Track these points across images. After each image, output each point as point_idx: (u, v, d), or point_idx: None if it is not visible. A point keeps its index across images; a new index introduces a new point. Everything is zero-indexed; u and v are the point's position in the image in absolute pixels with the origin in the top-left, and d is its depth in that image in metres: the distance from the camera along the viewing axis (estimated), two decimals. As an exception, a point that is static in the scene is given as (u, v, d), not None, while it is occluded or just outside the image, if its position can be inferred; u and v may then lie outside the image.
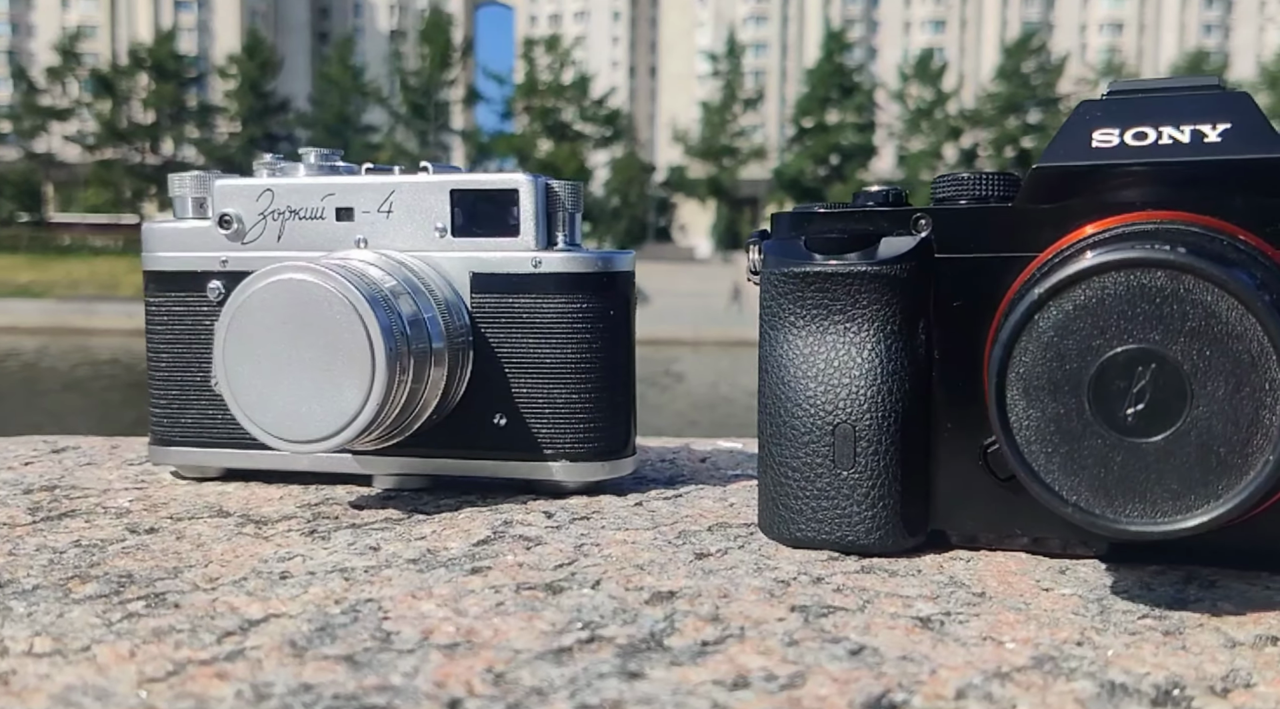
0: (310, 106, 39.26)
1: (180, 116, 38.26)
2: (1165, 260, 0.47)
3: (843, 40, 38.43)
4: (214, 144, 37.82)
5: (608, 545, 0.61)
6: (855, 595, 0.52)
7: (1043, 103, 37.21)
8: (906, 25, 54.67)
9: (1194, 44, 49.17)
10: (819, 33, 43.89)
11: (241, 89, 37.02)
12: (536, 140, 35.72)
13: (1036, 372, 0.49)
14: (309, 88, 43.45)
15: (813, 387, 0.61)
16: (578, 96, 36.44)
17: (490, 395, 0.75)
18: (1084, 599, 0.52)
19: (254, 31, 41.43)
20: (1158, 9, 55.60)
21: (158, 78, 37.55)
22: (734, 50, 38.11)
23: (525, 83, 36.67)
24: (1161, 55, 51.80)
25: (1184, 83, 0.59)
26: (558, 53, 36.84)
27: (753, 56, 50.61)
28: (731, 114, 36.94)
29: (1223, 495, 0.46)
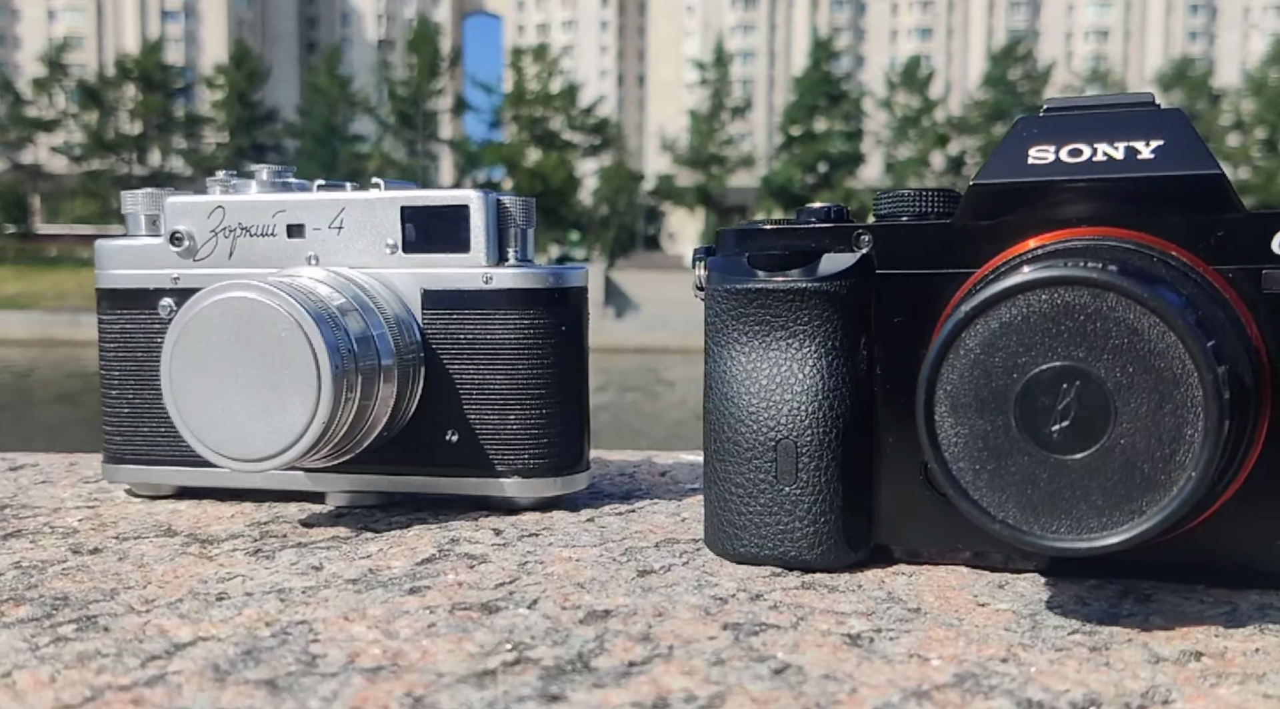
0: (298, 116, 39.21)
1: (167, 127, 38.19)
2: (1088, 278, 0.47)
3: (830, 48, 38.57)
4: (201, 155, 37.75)
5: (552, 563, 0.61)
6: (790, 612, 0.52)
7: (1029, 110, 37.35)
8: (893, 33, 54.90)
9: (1179, 51, 49.46)
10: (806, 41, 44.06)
11: (229, 99, 36.97)
12: (525, 149, 35.72)
13: (964, 389, 0.49)
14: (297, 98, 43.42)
15: (755, 403, 0.62)
16: (566, 105, 36.47)
17: (442, 412, 0.75)
18: (1017, 614, 0.52)
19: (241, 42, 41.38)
20: (1143, 16, 55.95)
21: (145, 88, 37.49)
22: (722, 59, 38.21)
23: (513, 92, 36.68)
24: (1147, 62, 52.11)
25: (1119, 100, 0.59)
26: (546, 62, 36.89)
27: (740, 65, 50.73)
28: (719, 122, 37.02)
29: (1147, 511, 0.47)
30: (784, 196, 33.17)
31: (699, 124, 36.98)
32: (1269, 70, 36.85)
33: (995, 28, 53.41)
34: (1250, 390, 0.53)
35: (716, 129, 36.89)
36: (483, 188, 0.76)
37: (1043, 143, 0.59)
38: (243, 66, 36.90)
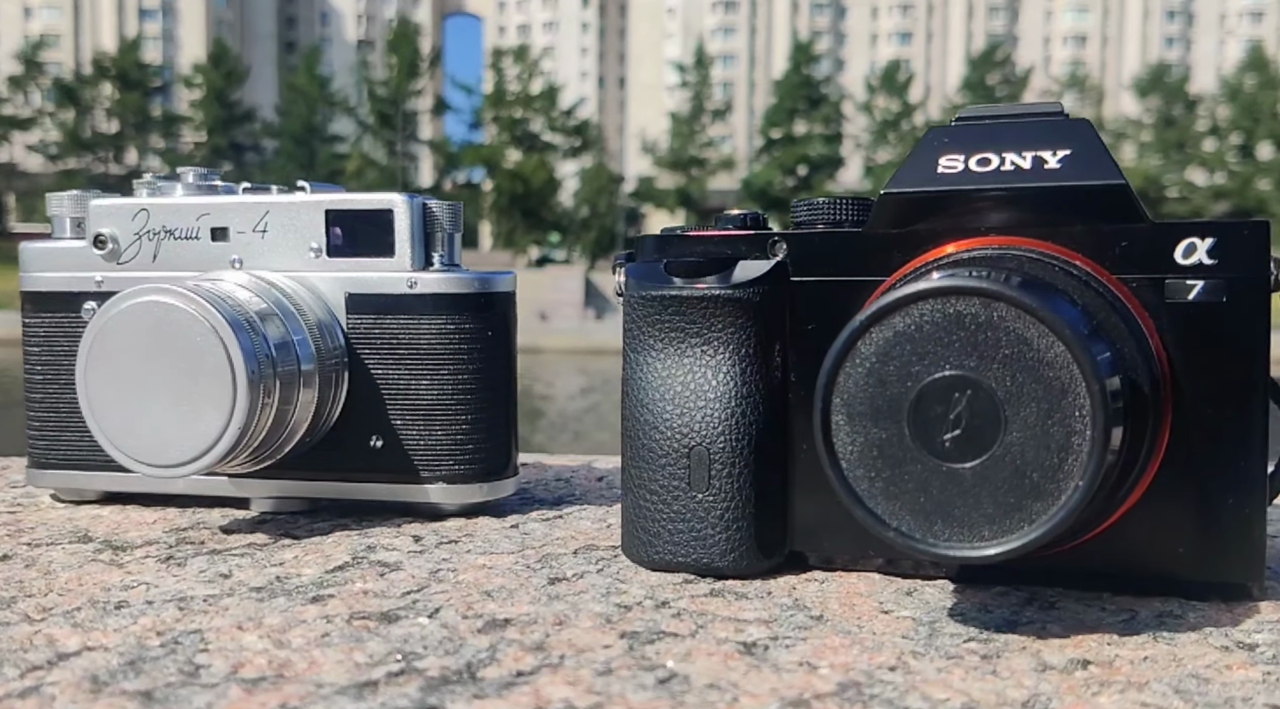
0: (276, 116, 39.01)
1: (144, 126, 37.93)
2: (978, 288, 0.47)
3: (810, 52, 38.67)
4: (179, 154, 37.50)
5: (465, 571, 0.61)
6: (692, 620, 0.52)
7: (1007, 114, 37.54)
8: (873, 37, 55.12)
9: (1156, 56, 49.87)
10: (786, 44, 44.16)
11: (207, 98, 36.76)
12: (505, 150, 35.66)
13: (860, 397, 0.49)
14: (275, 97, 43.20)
15: (669, 409, 0.62)
16: (546, 107, 36.43)
17: (366, 417, 0.74)
18: (917, 622, 0.52)
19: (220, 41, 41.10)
20: (1120, 22, 56.41)
21: (122, 87, 37.22)
22: (702, 61, 38.26)
23: (494, 93, 36.62)
24: (1124, 68, 52.52)
25: (1029, 109, 0.59)
26: (526, 63, 36.84)
27: (721, 68, 50.82)
28: (700, 125, 37.07)
29: (1036, 520, 0.47)
30: (764, 199, 33.24)
31: (679, 126, 37.03)
32: (1244, 76, 37.21)
33: (974, 32, 53.72)
34: (1149, 399, 0.53)
35: (697, 131, 36.95)
36: (408, 194, 0.76)
37: (953, 152, 0.59)
38: (221, 66, 36.70)
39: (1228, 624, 0.52)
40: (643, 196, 37.81)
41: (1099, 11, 56.24)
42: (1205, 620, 0.53)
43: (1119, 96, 47.92)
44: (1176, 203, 36.70)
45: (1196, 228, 0.55)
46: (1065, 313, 0.48)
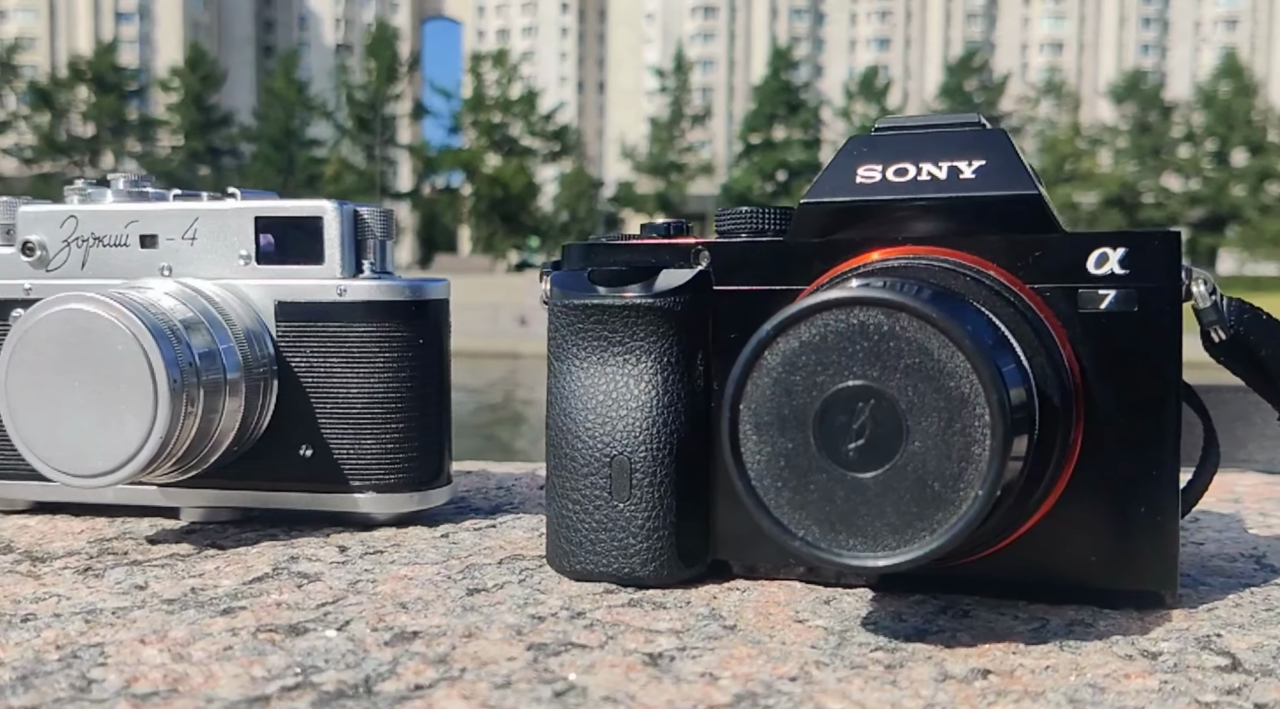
0: (254, 120, 38.83)
1: (121, 129, 37.70)
2: (881, 299, 0.48)
3: (789, 58, 38.83)
4: (155, 157, 37.28)
5: (385, 582, 0.60)
6: (603, 631, 0.52)
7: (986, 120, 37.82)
8: (852, 43, 55.37)
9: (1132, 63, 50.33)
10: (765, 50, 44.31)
11: (184, 102, 36.56)
12: (484, 155, 35.62)
13: (766, 407, 0.49)
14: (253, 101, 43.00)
15: (591, 418, 0.62)
16: (525, 111, 36.42)
17: (296, 426, 0.74)
18: (829, 631, 0.52)
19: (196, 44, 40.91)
20: (1096, 30, 56.88)
21: (98, 90, 36.98)
22: (681, 67, 38.35)
23: (473, 97, 36.58)
24: (1100, 74, 52.97)
25: (947, 120, 0.60)
26: (505, 68, 36.82)
27: (700, 73, 50.95)
28: (679, 130, 37.16)
29: (937, 529, 0.47)
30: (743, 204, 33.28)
31: (659, 131, 37.10)
32: (1219, 83, 37.60)
33: (952, 39, 54.05)
34: (1058, 409, 0.53)
35: (676, 136, 37.03)
36: (338, 200, 0.75)
37: (871, 162, 0.60)
38: (198, 69, 36.52)
39: (1136, 632, 0.52)
40: (622, 201, 37.85)
41: (1075, 19, 56.71)
42: (1114, 629, 0.53)
43: (1095, 103, 48.31)
44: (1152, 209, 37.04)
45: (1108, 238, 0.55)
46: (967, 323, 0.48)
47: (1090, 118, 43.83)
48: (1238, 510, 0.83)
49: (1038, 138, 38.47)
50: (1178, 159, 37.57)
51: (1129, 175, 36.95)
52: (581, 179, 38.04)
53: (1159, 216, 37.26)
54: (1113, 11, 56.51)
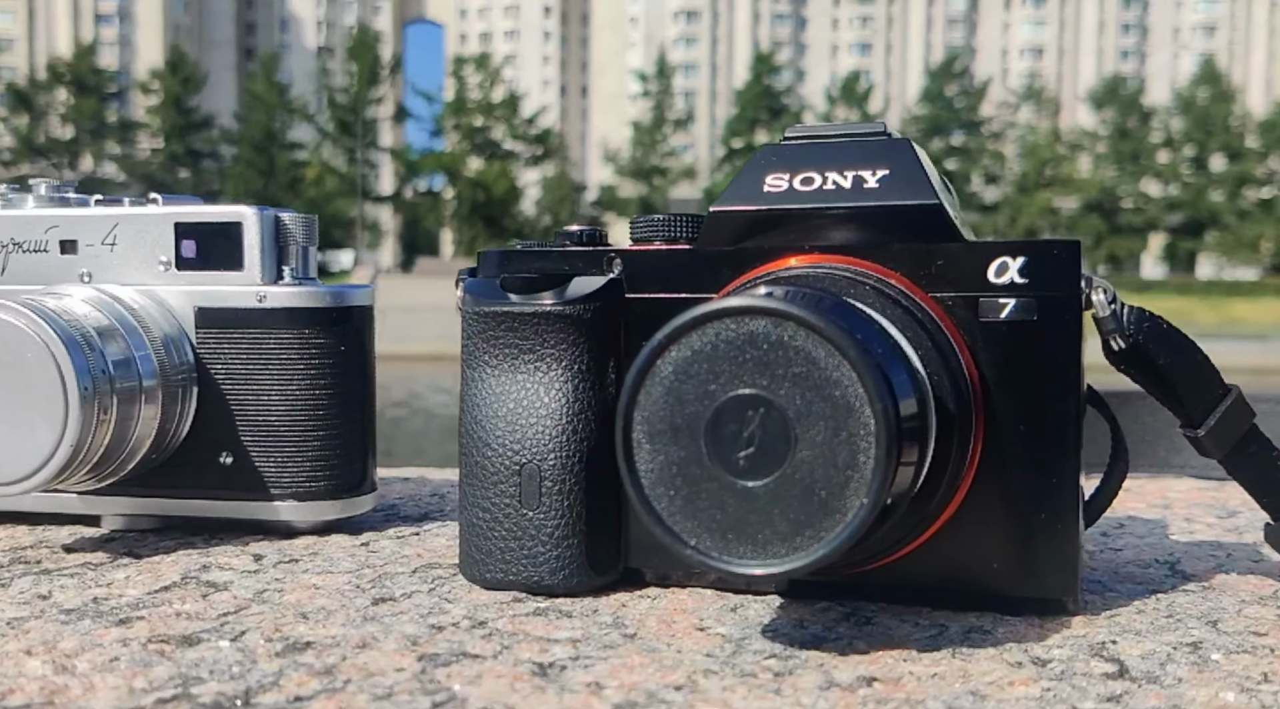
0: (235, 123, 38.66)
1: (100, 132, 37.46)
2: (768, 308, 0.48)
3: (771, 63, 38.94)
4: (135, 160, 37.07)
5: (292, 591, 0.60)
6: (500, 641, 0.52)
7: (966, 125, 38.08)
8: (834, 48, 55.57)
9: (1111, 69, 50.68)
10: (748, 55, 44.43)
11: (164, 104, 36.36)
12: (466, 158, 35.56)
13: (659, 415, 0.49)
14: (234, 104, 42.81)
15: (501, 426, 0.61)
16: (508, 115, 36.38)
17: (216, 433, 0.73)
18: (727, 639, 0.52)
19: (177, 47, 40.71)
20: (1076, 35, 57.26)
21: (77, 92, 36.75)
22: (664, 71, 38.39)
23: (455, 101, 36.52)
24: (1080, 80, 53.32)
25: (853, 129, 0.60)
26: (488, 71, 36.78)
27: (683, 77, 51.03)
28: (662, 134, 37.19)
29: (824, 537, 0.47)
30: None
31: (641, 135, 37.13)
32: (1197, 89, 37.89)
33: (933, 44, 54.32)
34: (955, 417, 0.53)
35: (659, 140, 37.06)
36: (261, 206, 0.75)
37: (779, 171, 0.60)
38: (178, 71, 36.33)
39: (1032, 639, 0.53)
40: (604, 205, 37.84)
41: (1056, 25, 57.08)
42: (1011, 636, 0.53)
43: (1075, 108, 48.62)
44: (1131, 214, 37.29)
45: (1008, 247, 0.56)
46: (857, 332, 0.48)
47: (1070, 123, 44.11)
48: (1165, 516, 0.84)
49: (1018, 143, 38.69)
50: (1157, 164, 37.84)
51: (1108, 180, 37.20)
52: (564, 183, 38.03)
53: (1138, 221, 37.53)
54: (1092, 17, 56.92)
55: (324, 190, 34.48)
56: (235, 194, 34.11)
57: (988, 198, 38.42)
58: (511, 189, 35.22)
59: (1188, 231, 38.36)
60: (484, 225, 34.16)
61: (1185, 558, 0.69)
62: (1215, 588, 0.62)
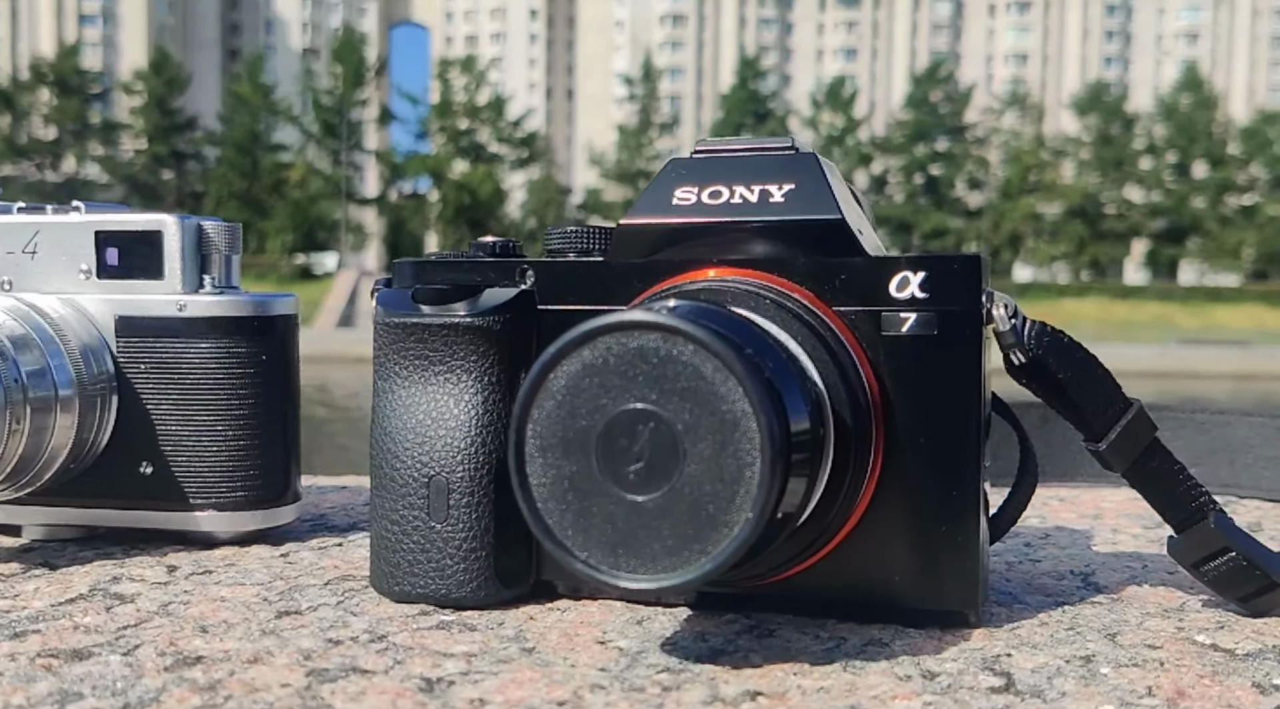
0: (219, 124, 38.50)
1: (83, 133, 37.26)
2: (657, 323, 0.48)
3: (757, 67, 39.03)
4: (118, 161, 36.89)
5: (198, 604, 0.60)
6: (395, 656, 0.52)
7: (950, 131, 38.23)
8: (819, 53, 55.73)
9: (1095, 76, 50.97)
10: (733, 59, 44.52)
11: (148, 106, 36.19)
12: (451, 161, 35.50)
13: (551, 429, 0.49)
14: (218, 105, 42.64)
15: (410, 438, 0.61)
16: (493, 118, 36.35)
17: (136, 443, 0.73)
18: (624, 652, 0.52)
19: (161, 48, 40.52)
20: (1060, 42, 57.57)
21: (60, 93, 36.54)
22: (650, 75, 38.44)
23: (440, 103, 36.46)
24: (1064, 86, 53.60)
25: (762, 144, 0.60)
26: (474, 74, 36.74)
27: (669, 81, 51.07)
28: (647, 137, 37.23)
29: (710, 551, 0.47)
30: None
31: (627, 139, 37.16)
32: (1180, 96, 38.14)
33: (918, 50, 54.53)
34: (852, 431, 0.54)
35: (644, 144, 37.08)
36: (180, 215, 0.75)
37: (688, 184, 0.60)
38: (162, 72, 36.16)
39: (929, 652, 0.53)
40: (590, 208, 37.83)
41: (1040, 31, 57.38)
42: (909, 649, 0.53)
43: (1059, 114, 48.87)
44: (1114, 220, 37.51)
45: (910, 262, 0.56)
46: (747, 347, 0.48)
47: (1054, 129, 44.33)
48: (1093, 527, 0.84)
49: (1002, 149, 38.87)
50: (1139, 171, 38.07)
51: (1091, 186, 37.41)
52: (549, 186, 38.01)
53: (1120, 227, 37.74)
54: (1076, 24, 57.24)
55: (308, 192, 34.38)
56: (218, 196, 34.01)
57: (971, 203, 38.59)
58: (497, 192, 35.19)
59: (1170, 238, 38.60)
60: (469, 228, 34.08)
61: (1101, 570, 0.69)
62: (1124, 600, 0.62)
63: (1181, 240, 38.43)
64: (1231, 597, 0.59)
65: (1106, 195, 37.76)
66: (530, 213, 37.49)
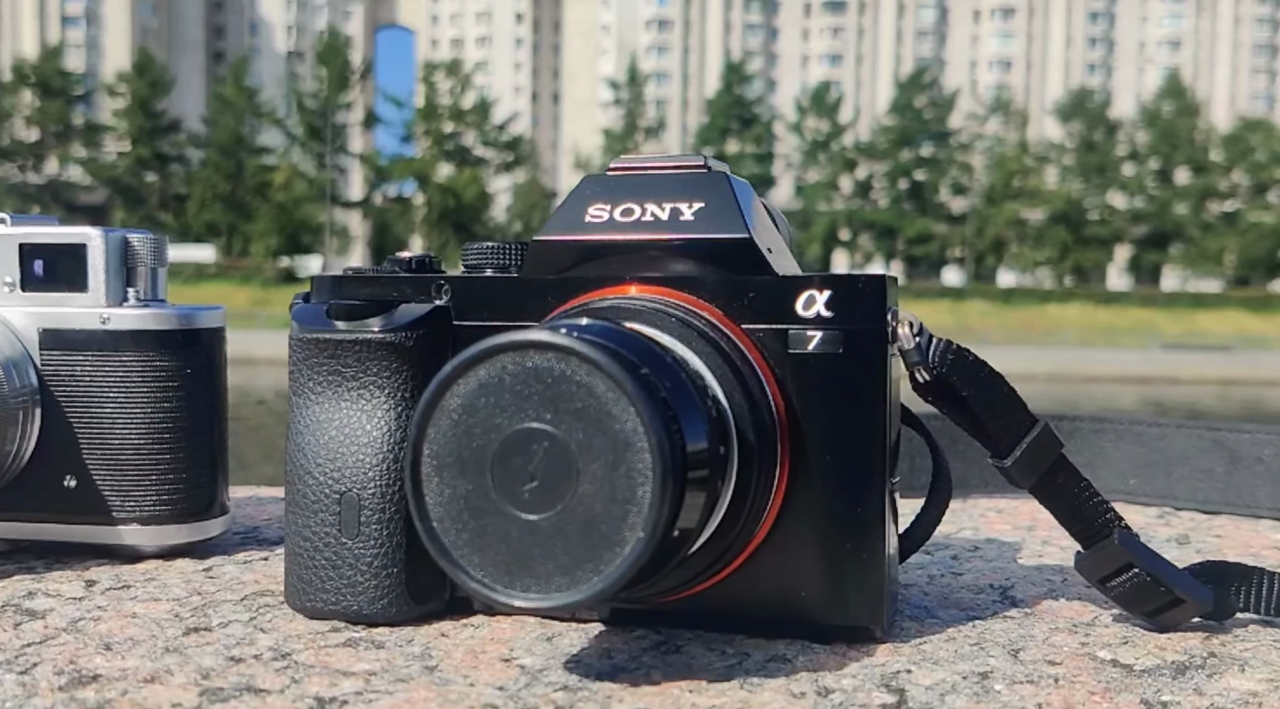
0: (203, 127, 38.35)
1: (66, 134, 37.06)
2: (551, 343, 0.48)
3: (742, 72, 39.10)
4: (101, 163, 36.70)
5: (108, 620, 0.60)
6: (293, 674, 0.52)
7: (935, 136, 38.39)
8: (804, 59, 55.89)
9: (1078, 82, 51.25)
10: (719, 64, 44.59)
11: (131, 108, 36.02)
12: (436, 164, 35.45)
13: (447, 448, 0.49)
14: (202, 108, 42.47)
15: (323, 454, 0.61)
16: (479, 121, 36.32)
17: (60, 456, 0.73)
18: (526, 670, 0.53)
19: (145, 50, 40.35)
20: (1044, 49, 57.89)
21: (43, 95, 36.34)
22: (636, 79, 38.49)
23: (425, 106, 36.41)
24: (1048, 92, 53.89)
25: (674, 162, 0.60)
26: (459, 77, 36.71)
27: (654, 86, 51.14)
28: (634, 142, 37.24)
29: (603, 570, 0.47)
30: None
31: (613, 143, 37.15)
32: (1162, 103, 38.39)
33: (903, 56, 54.74)
34: (755, 448, 0.54)
35: (630, 148, 37.06)
36: (104, 227, 0.74)
37: (600, 202, 0.60)
38: (146, 74, 36.01)
39: (831, 669, 0.53)
40: (576, 213, 37.75)
41: (1024, 38, 57.69)
42: (811, 665, 0.53)
43: (1042, 121, 49.13)
44: (1097, 226, 37.71)
45: (816, 281, 0.56)
46: (642, 367, 0.48)
47: (1037, 135, 44.56)
48: (1024, 539, 0.84)
49: (986, 154, 39.05)
50: (1122, 177, 38.31)
51: (1075, 192, 37.61)
52: (535, 190, 37.99)
53: (1103, 233, 37.95)
54: (1060, 31, 57.57)
55: (292, 195, 34.27)
56: (202, 199, 33.87)
57: (955, 209, 38.74)
58: (482, 195, 35.16)
59: (1153, 244, 38.84)
60: (454, 231, 34.06)
61: (1021, 583, 0.70)
62: (1036, 614, 0.63)
63: (1164, 246, 38.69)
64: (1138, 612, 0.59)
65: (1090, 201, 37.97)
66: (516, 216, 37.47)
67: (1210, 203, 37.55)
